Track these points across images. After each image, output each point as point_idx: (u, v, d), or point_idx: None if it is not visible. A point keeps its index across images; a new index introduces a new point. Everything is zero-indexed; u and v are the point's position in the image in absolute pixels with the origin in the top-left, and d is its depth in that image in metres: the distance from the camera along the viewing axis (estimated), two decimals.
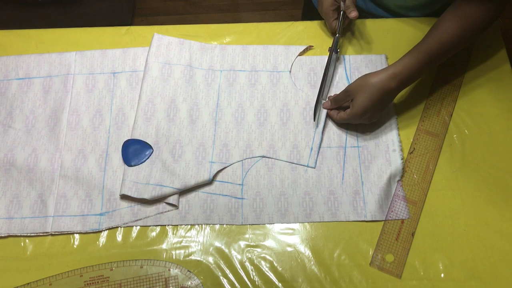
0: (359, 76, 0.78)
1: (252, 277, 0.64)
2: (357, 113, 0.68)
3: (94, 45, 0.82)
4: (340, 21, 0.76)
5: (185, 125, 0.74)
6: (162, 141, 0.72)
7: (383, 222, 0.67)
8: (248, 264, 0.65)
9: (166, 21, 1.82)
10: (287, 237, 0.67)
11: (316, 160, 0.72)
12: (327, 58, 0.79)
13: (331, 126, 0.74)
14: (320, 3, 0.79)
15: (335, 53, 0.77)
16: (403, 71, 0.66)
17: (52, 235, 0.67)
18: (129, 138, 0.73)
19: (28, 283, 0.64)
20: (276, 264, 0.65)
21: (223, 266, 0.65)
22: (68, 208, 0.69)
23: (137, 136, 0.73)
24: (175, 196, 0.69)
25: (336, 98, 0.72)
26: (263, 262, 0.65)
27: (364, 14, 0.90)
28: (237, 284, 0.63)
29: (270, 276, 0.64)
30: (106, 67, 0.80)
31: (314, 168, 0.71)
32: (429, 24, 0.84)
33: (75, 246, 0.67)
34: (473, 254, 0.65)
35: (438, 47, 0.67)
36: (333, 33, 0.81)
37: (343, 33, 0.81)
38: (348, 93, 0.69)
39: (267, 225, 0.68)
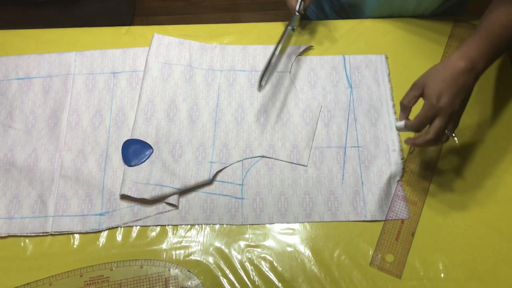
0: (359, 76, 0.78)
1: (252, 277, 0.64)
2: (432, 99, 0.59)
3: (94, 45, 0.82)
4: (299, 1, 0.74)
5: (185, 125, 0.74)
6: (162, 141, 0.72)
7: (383, 222, 0.67)
8: (248, 264, 0.65)
9: (166, 21, 1.82)
10: (287, 237, 0.67)
11: (309, 158, 0.72)
12: (325, 58, 0.80)
13: (331, 126, 0.74)
14: None
15: (290, 29, 0.73)
16: (471, 51, 0.60)
17: (52, 235, 0.67)
18: (129, 138, 0.73)
19: (28, 283, 0.64)
20: (276, 264, 0.65)
21: (223, 266, 0.65)
22: (68, 208, 0.69)
23: (137, 136, 0.73)
24: (175, 196, 0.69)
25: (404, 99, 0.63)
26: (263, 262, 0.65)
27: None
28: (237, 284, 0.63)
29: (270, 276, 0.64)
30: (106, 67, 0.80)
31: (306, 166, 0.71)
32: (429, 24, 0.84)
33: (75, 246, 0.67)
34: (473, 254, 0.65)
35: (500, 28, 0.61)
36: (292, 12, 0.77)
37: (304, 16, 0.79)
38: (417, 85, 0.62)
39: (267, 225, 0.68)
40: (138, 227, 0.68)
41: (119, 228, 0.68)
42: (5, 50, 0.82)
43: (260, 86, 0.68)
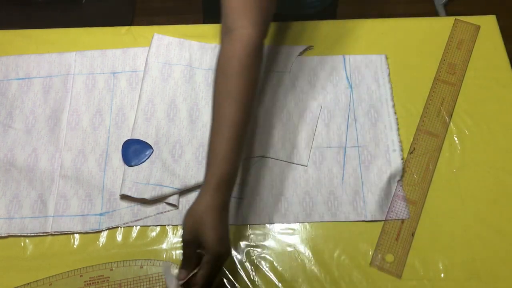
0: (359, 76, 0.78)
1: (252, 277, 0.64)
2: (215, 248, 0.52)
3: (94, 45, 0.82)
4: None
5: (185, 125, 0.74)
6: (162, 141, 0.72)
7: (383, 222, 0.67)
8: (248, 264, 0.65)
9: (166, 21, 1.82)
10: (287, 237, 0.67)
11: (309, 158, 0.72)
12: (325, 58, 0.80)
13: (331, 126, 0.74)
14: None
15: None
16: (219, 180, 0.54)
17: (52, 235, 0.67)
18: (129, 138, 0.73)
19: (28, 283, 0.64)
20: (276, 264, 0.65)
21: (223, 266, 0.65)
22: (68, 208, 0.69)
23: (137, 136, 0.73)
24: (175, 196, 0.69)
25: (184, 257, 0.55)
26: (263, 262, 0.65)
27: None
28: (237, 284, 0.63)
29: (270, 276, 0.64)
30: (106, 67, 0.80)
31: (306, 166, 0.71)
32: (429, 24, 0.84)
33: (75, 246, 0.67)
34: (473, 254, 0.65)
35: (226, 128, 0.55)
36: None
37: None
38: (190, 241, 0.53)
39: (267, 225, 0.68)
40: (138, 227, 0.68)
41: (119, 228, 0.68)
42: (5, 50, 0.82)
43: None
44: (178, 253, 0.66)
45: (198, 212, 0.53)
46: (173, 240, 0.67)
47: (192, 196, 0.69)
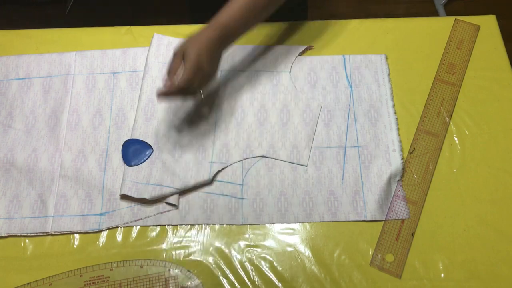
0: (359, 76, 0.78)
1: (252, 277, 0.64)
2: (193, 59, 0.62)
3: (94, 45, 0.82)
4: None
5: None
6: (162, 141, 0.72)
7: (383, 222, 0.67)
8: (248, 264, 0.65)
9: (166, 21, 1.82)
10: (287, 237, 0.67)
11: (309, 158, 0.72)
12: (325, 58, 0.80)
13: (331, 126, 0.74)
14: None
15: None
16: (224, 19, 0.65)
17: (52, 235, 0.67)
18: (129, 138, 0.73)
19: (28, 283, 0.64)
20: (276, 264, 0.65)
21: (223, 266, 0.65)
22: (68, 208, 0.69)
23: (137, 136, 0.73)
24: (175, 196, 0.69)
25: (168, 68, 0.66)
26: (263, 262, 0.65)
27: None
28: (237, 284, 0.63)
29: (270, 276, 0.64)
30: (106, 67, 0.80)
31: (306, 166, 0.71)
32: (429, 24, 0.84)
33: (75, 246, 0.67)
34: (473, 254, 0.65)
35: (237, 3, 0.66)
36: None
37: None
38: (177, 54, 0.65)
39: (267, 225, 0.68)
40: (138, 227, 0.68)
41: (119, 228, 0.68)
42: (5, 50, 0.82)
43: None
44: (178, 253, 0.66)
45: (191, 37, 0.65)
46: (173, 240, 0.67)
47: (192, 196, 0.70)
